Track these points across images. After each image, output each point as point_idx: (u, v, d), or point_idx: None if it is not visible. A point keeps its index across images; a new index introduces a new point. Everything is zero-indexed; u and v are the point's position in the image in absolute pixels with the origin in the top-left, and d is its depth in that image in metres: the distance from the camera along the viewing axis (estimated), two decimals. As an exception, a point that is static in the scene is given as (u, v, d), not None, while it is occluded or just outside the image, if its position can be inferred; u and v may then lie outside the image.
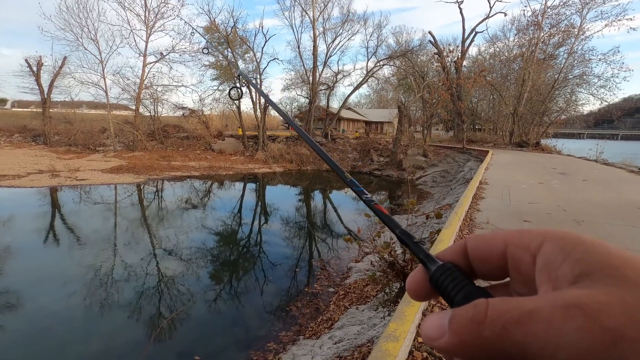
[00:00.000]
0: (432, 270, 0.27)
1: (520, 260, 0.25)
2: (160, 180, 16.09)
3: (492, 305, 0.21)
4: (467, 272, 0.28)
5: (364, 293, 4.98)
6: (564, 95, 28.02)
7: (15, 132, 26.89)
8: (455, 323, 0.22)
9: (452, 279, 0.26)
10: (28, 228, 8.65)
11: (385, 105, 53.96)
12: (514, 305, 0.21)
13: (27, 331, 4.49)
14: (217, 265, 7.08)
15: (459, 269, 0.27)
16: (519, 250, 0.25)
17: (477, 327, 0.21)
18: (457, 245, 0.29)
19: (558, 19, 25.05)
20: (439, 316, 0.23)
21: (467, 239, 0.29)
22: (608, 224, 5.21)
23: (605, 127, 72.63)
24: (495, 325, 0.20)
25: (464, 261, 0.28)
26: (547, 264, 0.23)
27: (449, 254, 0.29)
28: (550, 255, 0.23)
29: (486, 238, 0.28)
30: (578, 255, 0.22)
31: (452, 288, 0.26)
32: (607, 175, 11.22)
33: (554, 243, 0.23)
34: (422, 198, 13.16)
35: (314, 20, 26.42)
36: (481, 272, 0.28)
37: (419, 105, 31.18)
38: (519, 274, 0.25)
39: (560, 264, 0.22)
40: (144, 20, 24.52)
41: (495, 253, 0.26)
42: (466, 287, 0.25)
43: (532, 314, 0.20)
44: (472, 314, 0.21)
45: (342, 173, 0.46)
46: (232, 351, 4.26)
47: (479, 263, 0.27)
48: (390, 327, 2.17)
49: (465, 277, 0.26)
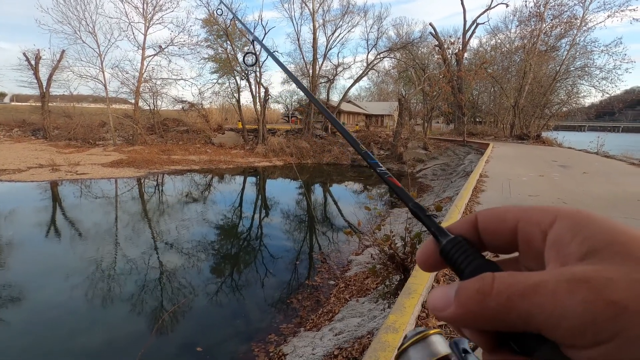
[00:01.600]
0: (443, 243, 0.28)
1: (531, 236, 0.25)
2: (160, 174, 16.09)
3: (499, 278, 0.22)
4: (477, 245, 0.28)
5: (364, 285, 5.01)
6: (565, 88, 27.85)
7: (14, 127, 26.84)
8: (461, 294, 0.23)
9: (462, 252, 0.27)
10: (29, 222, 8.68)
11: (386, 98, 53.73)
12: (520, 279, 0.21)
13: (31, 323, 4.55)
14: (218, 258, 7.12)
15: (469, 242, 0.28)
16: (530, 226, 0.25)
17: (483, 298, 0.22)
18: (468, 218, 0.29)
19: (560, 10, 24.79)
20: (446, 288, 0.24)
21: (479, 212, 0.29)
22: (608, 217, 5.22)
23: (606, 119, 72.37)
24: (501, 297, 0.21)
25: (474, 234, 0.28)
26: (557, 241, 0.23)
27: (459, 226, 0.29)
28: (560, 232, 0.23)
29: (498, 212, 0.28)
30: (587, 233, 0.22)
31: (462, 261, 0.26)
32: (608, 167, 11.20)
33: (565, 221, 0.24)
34: (422, 191, 13.17)
35: (314, 12, 26.16)
36: (491, 245, 0.28)
37: (419, 98, 31.07)
38: (529, 249, 0.26)
39: (569, 242, 0.22)
40: (142, 12, 24.32)
41: (506, 228, 0.27)
42: (476, 260, 0.26)
43: (538, 287, 0.20)
44: (479, 286, 0.22)
45: (356, 145, 0.46)
46: (234, 343, 4.30)
47: (489, 236, 0.28)
48: (390, 319, 2.19)
49: (475, 250, 0.27)
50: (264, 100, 25.09)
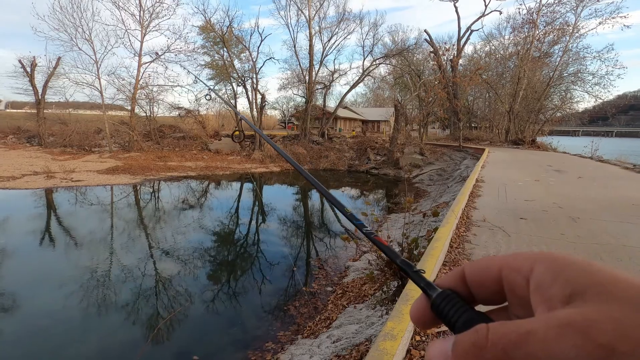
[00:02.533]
0: (433, 297, 0.28)
1: (515, 283, 0.26)
2: (156, 181, 16.01)
3: (492, 329, 0.22)
4: (467, 298, 0.29)
5: (361, 292, 4.98)
6: (559, 93, 28.13)
7: (9, 134, 26.68)
8: (458, 349, 0.23)
9: (452, 305, 0.27)
10: (23, 230, 8.58)
11: (382, 104, 54.00)
12: (512, 328, 0.22)
13: (24, 332, 4.47)
14: (214, 265, 7.06)
15: (459, 295, 0.28)
16: (512, 274, 0.26)
17: (479, 351, 0.22)
18: (455, 272, 0.30)
19: (553, 17, 25.18)
20: (443, 342, 0.24)
21: (465, 265, 0.29)
22: (603, 220, 5.25)
23: (600, 124, 73.12)
24: (496, 349, 0.21)
25: (463, 287, 0.29)
26: (539, 286, 0.24)
27: (448, 280, 0.30)
28: (541, 276, 0.24)
29: (482, 264, 0.28)
30: (567, 275, 0.23)
31: (453, 314, 0.26)
32: (602, 172, 11.29)
33: (543, 265, 0.24)
34: (419, 196, 13.19)
35: (310, 20, 26.38)
36: (480, 297, 0.29)
37: (415, 103, 31.28)
38: (515, 296, 0.26)
39: (550, 285, 0.23)
40: (139, 20, 24.40)
41: (491, 278, 0.27)
42: (466, 313, 0.26)
43: (529, 335, 0.21)
44: (474, 339, 0.22)
45: (341, 207, 0.49)
46: (230, 351, 4.25)
47: (477, 288, 0.28)
48: (388, 326, 2.17)
49: (465, 303, 0.27)
50: (260, 106, 25.16)
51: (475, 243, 4.24)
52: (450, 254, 3.86)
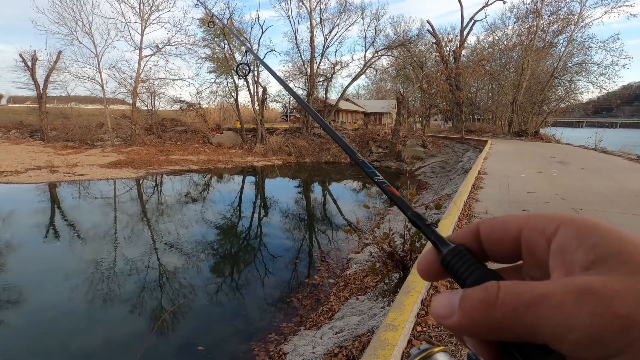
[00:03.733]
0: (444, 252, 0.28)
1: (535, 244, 0.25)
2: (159, 175, 16.06)
3: (504, 287, 0.22)
4: (479, 255, 0.28)
5: (363, 284, 5.02)
6: (563, 84, 27.87)
7: (12, 128, 26.75)
8: (465, 303, 0.22)
9: (463, 262, 0.26)
10: (28, 223, 8.66)
11: (384, 96, 53.66)
12: (526, 289, 0.21)
13: (30, 323, 4.54)
14: (217, 258, 7.12)
15: (471, 252, 0.27)
16: (533, 234, 0.25)
17: (488, 308, 0.21)
18: (469, 227, 0.29)
19: (557, 6, 24.79)
20: (449, 295, 0.24)
21: (480, 221, 0.29)
22: (606, 212, 5.23)
23: (604, 115, 72.40)
24: (507, 307, 0.21)
25: (475, 244, 0.28)
26: (561, 249, 0.23)
27: (460, 236, 0.29)
28: (565, 240, 0.23)
29: (500, 221, 0.27)
30: (593, 241, 0.22)
31: (463, 270, 0.26)
32: (606, 163, 11.23)
33: (569, 228, 0.23)
34: (421, 189, 13.18)
35: (311, 11, 26.11)
36: (494, 254, 0.28)
37: (417, 95, 31.07)
38: (533, 258, 0.25)
39: (575, 250, 0.22)
40: (139, 12, 24.22)
41: (509, 236, 0.26)
42: (478, 270, 0.26)
43: (544, 298, 0.20)
44: (484, 296, 0.22)
45: (353, 154, 0.46)
46: (234, 342, 4.30)
47: (491, 246, 0.27)
48: (389, 317, 2.19)
49: (477, 260, 0.27)
50: (262, 99, 25.06)
51: (477, 235, 4.24)
52: (452, 246, 3.86)
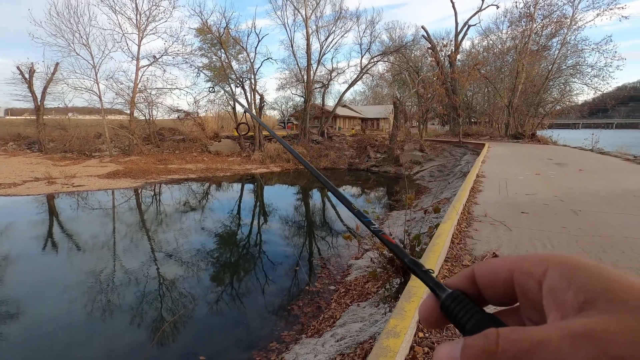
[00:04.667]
0: (443, 297, 0.28)
1: (527, 286, 0.25)
2: (157, 184, 16.03)
3: (503, 335, 0.22)
4: (476, 299, 0.28)
5: (364, 290, 4.99)
6: (558, 86, 28.06)
7: (9, 141, 26.71)
8: (467, 353, 0.22)
9: (462, 307, 0.27)
10: (27, 236, 8.61)
11: (381, 102, 53.94)
12: (524, 336, 0.21)
13: (29, 336, 4.49)
14: (217, 266, 7.08)
15: (468, 296, 0.28)
16: (524, 277, 0.26)
17: (489, 357, 0.21)
18: (465, 272, 0.30)
19: (550, 10, 25.10)
20: (451, 345, 0.24)
21: (475, 266, 0.29)
22: (605, 213, 5.24)
23: (600, 116, 72.88)
24: (507, 356, 0.21)
25: (472, 288, 0.29)
26: (552, 291, 0.23)
27: (457, 281, 0.29)
28: (554, 282, 0.23)
29: (492, 265, 0.28)
30: (580, 281, 0.22)
31: (462, 315, 0.26)
32: (603, 164, 11.28)
33: (557, 269, 0.24)
34: (420, 193, 13.18)
35: (307, 19, 26.34)
36: (490, 298, 0.28)
37: (414, 100, 31.19)
38: (527, 299, 0.26)
39: (565, 291, 0.23)
40: (136, 23, 24.41)
41: (501, 279, 0.27)
42: (476, 315, 0.26)
43: (541, 344, 0.20)
44: (484, 344, 0.22)
45: (349, 204, 0.48)
46: (235, 352, 4.26)
47: (487, 290, 0.28)
48: (391, 323, 2.18)
49: (475, 304, 0.27)
50: (259, 107, 25.15)
51: (477, 238, 4.24)
52: (452, 249, 3.87)
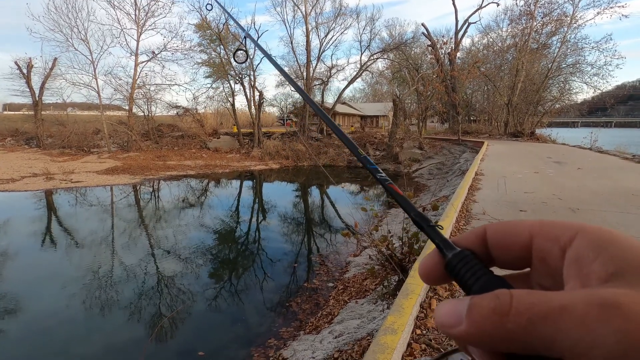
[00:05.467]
0: (449, 256, 0.27)
1: (549, 252, 0.24)
2: (156, 180, 16.00)
3: (517, 296, 0.20)
4: (484, 260, 0.27)
5: (363, 287, 5.00)
6: (557, 84, 28.07)
7: (7, 136, 26.62)
8: (474, 312, 0.21)
9: (470, 267, 0.25)
10: (24, 231, 8.59)
11: (380, 99, 53.85)
12: (542, 299, 0.20)
13: (28, 331, 4.49)
14: (216, 263, 7.08)
15: (477, 257, 0.26)
16: (547, 242, 0.24)
17: (500, 318, 0.20)
18: (476, 231, 0.28)
19: (550, 8, 25.07)
20: (455, 303, 0.22)
21: (488, 225, 0.28)
22: (603, 211, 5.26)
23: (599, 115, 72.94)
24: (521, 318, 0.19)
25: (481, 248, 0.27)
26: (578, 259, 0.22)
27: (466, 239, 0.28)
28: (582, 250, 0.22)
29: (510, 226, 0.27)
30: (612, 252, 0.21)
31: (469, 276, 0.25)
32: (602, 162, 11.30)
33: (587, 238, 0.22)
34: (418, 191, 13.19)
35: (306, 15, 26.23)
36: (500, 260, 0.27)
37: (413, 98, 31.17)
38: (545, 266, 0.24)
39: (592, 260, 0.21)
40: (135, 19, 24.27)
41: (518, 242, 0.25)
42: (485, 276, 0.25)
43: (563, 310, 0.19)
44: (495, 304, 0.21)
45: (355, 149, 0.45)
46: (233, 348, 4.27)
47: (499, 251, 0.26)
48: (389, 320, 2.18)
49: (483, 265, 0.26)
50: (258, 103, 25.07)
51: (475, 236, 4.24)
52: (450, 247, 3.87)
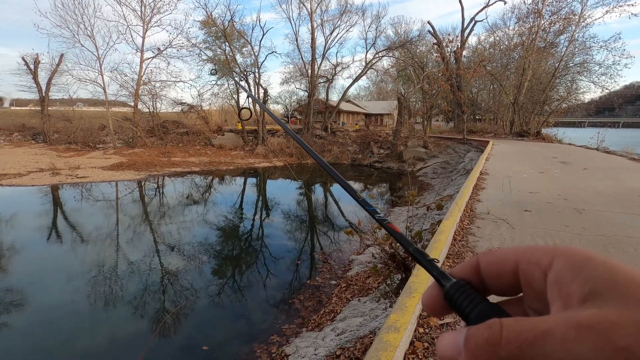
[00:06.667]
0: (447, 287, 0.28)
1: (532, 276, 0.26)
2: (160, 177, 16.10)
3: (507, 325, 0.22)
4: (480, 289, 0.29)
5: (365, 285, 5.01)
6: (564, 84, 27.76)
7: (14, 131, 26.86)
8: (471, 343, 0.23)
9: (466, 296, 0.27)
10: (31, 226, 8.69)
11: (385, 97, 53.67)
12: (528, 326, 0.21)
13: (33, 324, 4.55)
14: (219, 259, 7.12)
15: (472, 286, 0.28)
16: (530, 267, 0.26)
17: (493, 348, 0.21)
18: (469, 262, 0.30)
19: (559, 7, 24.75)
20: (454, 335, 0.24)
21: (480, 255, 0.29)
22: (609, 212, 5.21)
23: (606, 115, 72.19)
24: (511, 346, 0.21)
25: (476, 278, 0.29)
26: (557, 281, 0.24)
27: (461, 270, 0.30)
28: (560, 272, 0.24)
29: (498, 255, 0.28)
30: (587, 273, 0.22)
31: (466, 305, 0.27)
32: (608, 163, 11.18)
33: (563, 260, 0.24)
34: (422, 189, 13.16)
35: (312, 13, 26.15)
36: (494, 288, 0.29)
37: (418, 96, 31.01)
38: (532, 290, 0.26)
39: (571, 281, 0.23)
40: (141, 15, 24.33)
41: (507, 269, 0.27)
42: (480, 305, 0.26)
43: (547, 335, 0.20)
44: (488, 335, 0.22)
45: (353, 193, 0.47)
46: (236, 344, 4.30)
47: (491, 279, 0.28)
48: (392, 318, 2.19)
49: (478, 294, 0.27)
50: (263, 100, 25.08)
51: (479, 236, 4.23)
52: (454, 246, 3.86)
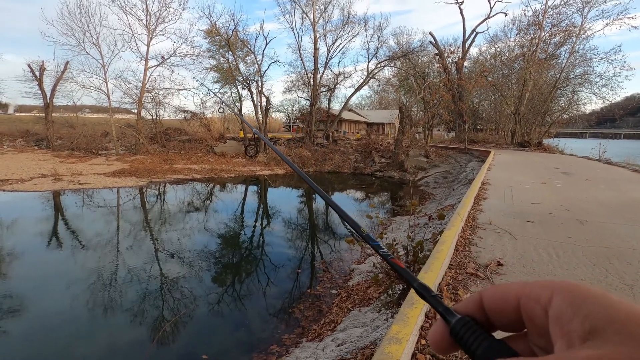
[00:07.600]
0: (452, 323, 0.28)
1: (534, 313, 0.26)
2: (162, 184, 16.12)
3: None
4: (485, 324, 0.28)
5: (366, 295, 4.96)
6: (565, 95, 27.88)
7: (18, 137, 27.01)
8: None
9: (472, 332, 0.27)
10: (32, 231, 8.68)
11: (387, 107, 53.96)
12: None
13: (32, 331, 4.51)
14: (220, 267, 7.08)
15: (477, 322, 0.28)
16: (530, 303, 0.26)
17: None
18: (472, 298, 0.30)
19: (559, 19, 25.00)
20: None
21: (483, 291, 0.29)
22: (612, 223, 5.18)
23: (607, 126, 72.20)
24: None
25: (480, 313, 0.29)
26: (558, 318, 0.24)
27: (465, 306, 0.30)
28: (560, 309, 0.24)
29: (499, 291, 0.28)
30: (587, 309, 0.22)
31: (472, 341, 0.26)
32: (610, 174, 11.16)
33: (563, 296, 0.24)
34: (424, 199, 13.12)
35: (315, 23, 26.48)
36: (499, 324, 0.28)
37: (420, 106, 31.21)
38: (534, 326, 0.26)
39: (571, 318, 0.23)
40: (146, 24, 24.68)
41: (509, 306, 0.27)
42: (486, 341, 0.26)
43: None
44: None
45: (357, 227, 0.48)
46: (235, 354, 4.25)
47: (495, 316, 0.28)
48: (393, 330, 2.16)
49: (484, 330, 0.27)
50: (265, 109, 25.25)
51: (481, 246, 4.21)
52: (455, 257, 3.84)
